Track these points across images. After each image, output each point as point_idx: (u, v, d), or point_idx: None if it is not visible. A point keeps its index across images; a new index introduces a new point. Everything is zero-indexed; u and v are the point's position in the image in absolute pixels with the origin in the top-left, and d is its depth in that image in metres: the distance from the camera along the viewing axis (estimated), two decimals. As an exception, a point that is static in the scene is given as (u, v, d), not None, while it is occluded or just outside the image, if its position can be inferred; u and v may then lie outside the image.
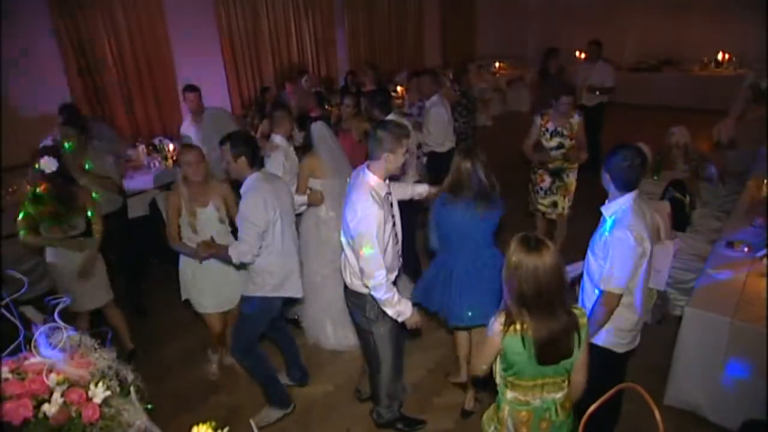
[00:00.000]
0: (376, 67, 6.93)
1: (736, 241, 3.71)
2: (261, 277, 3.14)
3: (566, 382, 2.08)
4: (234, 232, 3.25)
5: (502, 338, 1.95)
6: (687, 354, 3.14)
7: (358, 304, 2.89)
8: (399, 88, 8.84)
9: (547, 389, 2.03)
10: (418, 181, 4.07)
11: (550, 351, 1.92)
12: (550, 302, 1.89)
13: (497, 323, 1.97)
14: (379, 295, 2.67)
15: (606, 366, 2.53)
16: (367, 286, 2.69)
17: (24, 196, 3.44)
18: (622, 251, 2.30)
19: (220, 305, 3.54)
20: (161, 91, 6.60)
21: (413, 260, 4.41)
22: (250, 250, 3.00)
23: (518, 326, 1.92)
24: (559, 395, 2.06)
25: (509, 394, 2.07)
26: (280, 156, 3.88)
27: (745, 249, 3.62)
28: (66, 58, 5.69)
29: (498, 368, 2.09)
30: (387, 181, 2.76)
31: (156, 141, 5.98)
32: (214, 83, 6.98)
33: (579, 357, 2.01)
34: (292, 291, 3.26)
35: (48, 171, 3.28)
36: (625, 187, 2.41)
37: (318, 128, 3.82)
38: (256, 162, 3.11)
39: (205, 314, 3.59)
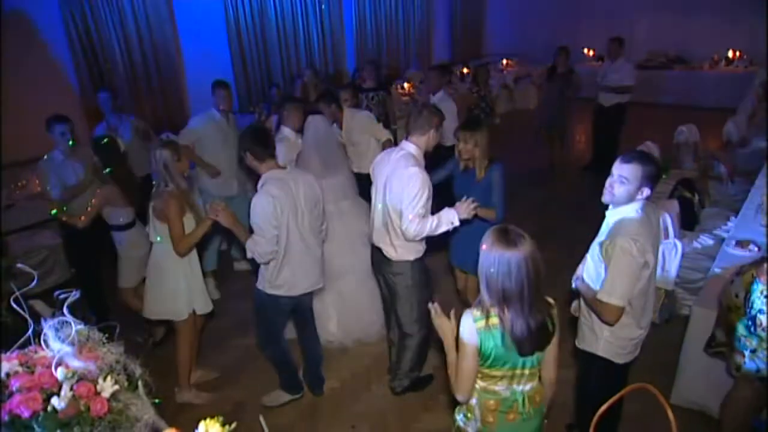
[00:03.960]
0: (377, 64, 6.93)
1: (745, 240, 3.68)
2: (265, 271, 3.09)
3: (537, 376, 2.05)
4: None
5: (479, 337, 1.91)
6: (694, 353, 3.11)
7: (403, 272, 3.11)
8: (406, 85, 8.84)
9: (517, 380, 2.00)
10: None
11: (531, 342, 1.90)
12: (531, 295, 1.86)
13: (469, 324, 1.92)
14: (428, 230, 2.90)
15: (605, 376, 2.49)
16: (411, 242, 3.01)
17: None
18: (624, 262, 2.21)
19: (208, 304, 3.40)
20: (169, 89, 6.61)
21: None
22: (263, 252, 2.92)
23: (495, 320, 1.90)
24: (528, 387, 2.03)
25: (478, 384, 2.04)
26: (282, 148, 3.90)
27: (755, 248, 3.59)
28: (74, 55, 5.73)
29: None
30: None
31: (164, 137, 5.99)
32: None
33: (550, 350, 2.00)
34: (293, 291, 3.12)
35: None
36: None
37: (311, 122, 3.84)
38: (266, 157, 2.96)
39: (183, 321, 3.33)
